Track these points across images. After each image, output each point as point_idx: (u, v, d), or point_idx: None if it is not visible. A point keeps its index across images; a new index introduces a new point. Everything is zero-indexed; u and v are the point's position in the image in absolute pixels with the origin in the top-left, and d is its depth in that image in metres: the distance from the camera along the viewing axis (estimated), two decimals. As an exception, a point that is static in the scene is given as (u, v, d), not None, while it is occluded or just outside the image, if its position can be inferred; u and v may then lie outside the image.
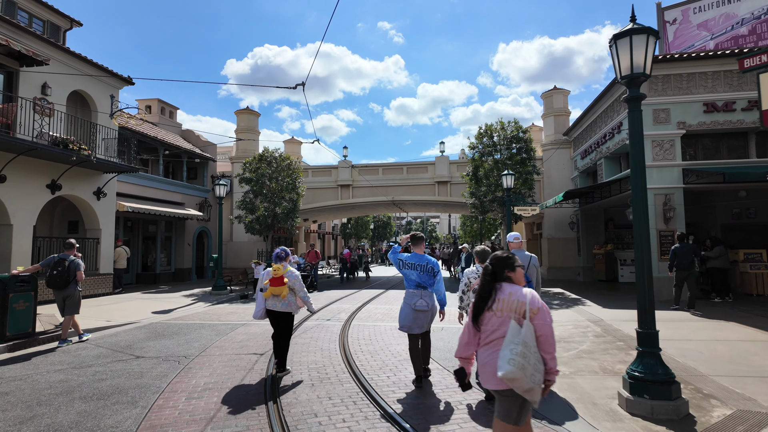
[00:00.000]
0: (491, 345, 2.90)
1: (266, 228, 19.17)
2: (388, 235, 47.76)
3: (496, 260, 3.02)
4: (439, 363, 6.54)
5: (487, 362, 2.87)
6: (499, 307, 2.87)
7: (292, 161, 19.63)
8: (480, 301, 2.94)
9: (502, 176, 14.46)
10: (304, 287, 6.14)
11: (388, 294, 16.02)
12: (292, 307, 6.03)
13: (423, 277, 5.44)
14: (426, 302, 5.39)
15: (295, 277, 6.03)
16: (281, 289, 5.87)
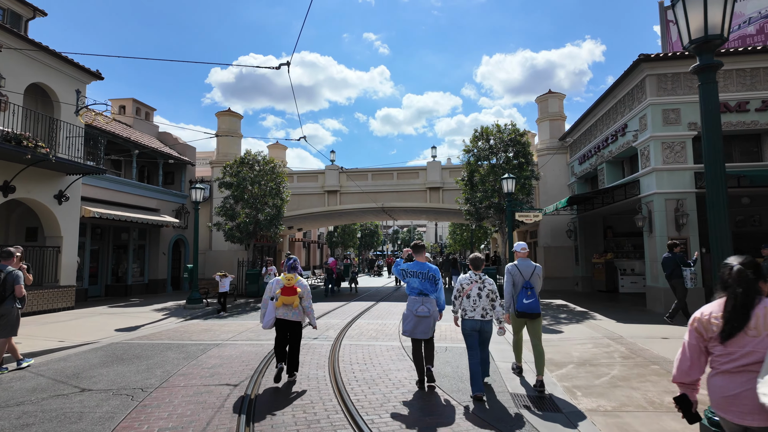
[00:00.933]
0: (742, 371, 2.35)
1: (247, 236, 17.88)
2: (375, 244, 46.60)
3: (753, 266, 2.45)
4: (450, 395, 5.43)
5: (740, 393, 2.35)
6: (757, 324, 2.35)
7: (276, 164, 18.44)
8: (739, 317, 2.37)
9: (501, 180, 13.53)
10: (311, 299, 6.23)
11: (379, 307, 14.85)
12: (301, 316, 6.11)
13: (425, 284, 5.65)
14: (427, 308, 5.59)
15: (305, 288, 6.16)
16: (293, 298, 5.94)
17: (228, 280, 13.41)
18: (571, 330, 9.68)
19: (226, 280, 13.39)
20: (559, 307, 13.69)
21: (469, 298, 5.41)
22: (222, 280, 13.34)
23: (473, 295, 5.40)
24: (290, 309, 5.92)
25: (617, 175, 15.66)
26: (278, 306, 5.94)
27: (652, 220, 12.45)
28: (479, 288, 5.42)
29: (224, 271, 13.93)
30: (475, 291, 5.41)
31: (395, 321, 11.52)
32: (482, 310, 5.36)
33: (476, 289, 5.42)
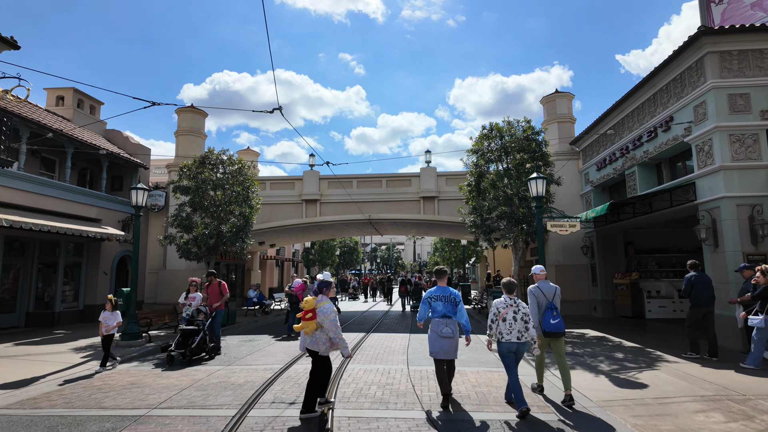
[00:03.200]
0: None
1: (207, 251, 14.60)
2: (354, 262, 43.42)
3: None
4: None
5: None
6: None
7: (244, 165, 15.33)
8: None
9: (528, 181, 10.85)
10: (336, 326, 5.59)
11: (373, 342, 11.79)
12: (319, 346, 5.60)
13: (448, 307, 5.88)
14: (451, 329, 5.79)
15: (326, 314, 5.57)
16: (307, 324, 5.61)
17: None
18: (655, 381, 6.92)
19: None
20: (597, 340, 10.96)
21: (505, 322, 5.59)
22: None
23: (509, 319, 5.59)
24: (311, 336, 5.62)
25: (651, 181, 13.27)
26: (298, 329, 5.77)
27: (718, 232, 9.97)
28: (514, 311, 5.61)
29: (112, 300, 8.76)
30: (511, 314, 5.60)
31: (401, 366, 8.52)
32: (518, 333, 5.55)
33: (512, 313, 5.61)
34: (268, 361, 9.17)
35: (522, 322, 5.59)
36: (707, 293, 8.66)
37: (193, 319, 9.42)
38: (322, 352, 5.63)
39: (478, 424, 5.28)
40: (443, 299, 5.91)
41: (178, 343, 9.04)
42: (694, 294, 8.67)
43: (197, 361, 9.09)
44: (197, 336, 9.22)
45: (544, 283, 6.20)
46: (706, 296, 8.64)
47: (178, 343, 9.03)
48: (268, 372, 8.04)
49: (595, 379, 7.19)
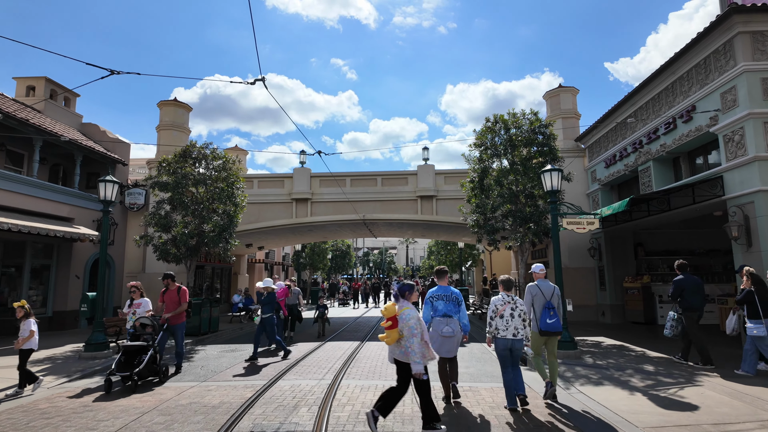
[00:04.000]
0: None
1: (188, 253, 13.40)
2: (346, 266, 42.20)
3: None
4: None
5: None
6: None
7: (228, 159, 14.18)
8: None
9: (542, 174, 9.83)
10: (415, 335, 4.73)
11: (368, 352, 10.67)
12: (410, 356, 4.72)
13: (449, 306, 5.92)
14: (452, 329, 5.82)
15: (405, 320, 4.79)
16: (389, 333, 4.86)
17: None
18: (705, 401, 5.89)
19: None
20: (617, 349, 9.95)
21: (503, 318, 5.62)
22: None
23: (506, 315, 5.62)
24: (398, 346, 4.84)
25: (668, 177, 12.35)
26: (382, 339, 5.02)
27: (752, 229, 9.03)
28: (512, 308, 5.64)
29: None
30: (508, 311, 5.63)
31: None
32: (514, 329, 5.58)
33: (509, 310, 5.64)
34: (250, 376, 8.02)
35: (519, 319, 5.64)
36: (699, 296, 8.11)
37: (139, 334, 7.64)
38: (417, 364, 4.75)
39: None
40: (444, 298, 5.99)
41: (120, 363, 7.13)
42: (686, 298, 8.08)
43: (145, 386, 7.23)
44: (145, 354, 7.29)
45: (544, 282, 6.32)
46: (699, 300, 8.09)
47: (120, 364, 7.12)
48: (249, 390, 6.89)
49: (631, 398, 6.14)
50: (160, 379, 7.59)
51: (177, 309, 8.31)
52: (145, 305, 8.46)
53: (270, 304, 9.72)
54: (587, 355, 9.21)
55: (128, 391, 6.94)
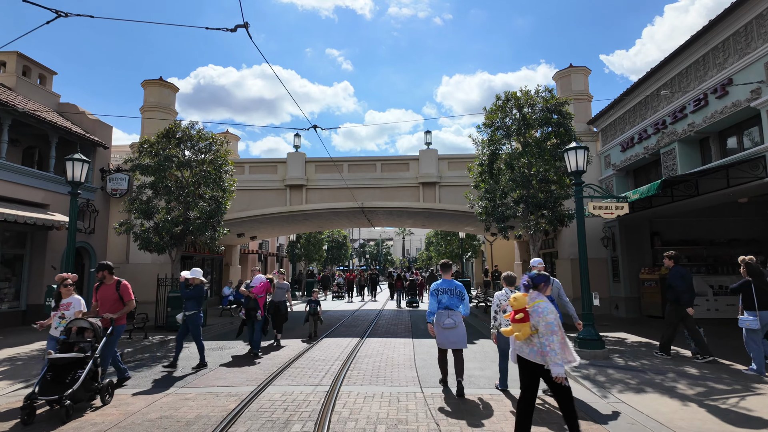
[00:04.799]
0: None
1: (171, 241, 12.31)
2: (343, 257, 41.17)
3: None
4: None
5: None
6: None
7: (215, 140, 13.04)
8: None
9: (566, 152, 8.78)
10: (555, 332, 4.00)
11: (369, 349, 9.66)
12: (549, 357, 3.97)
13: (452, 299, 6.09)
14: (453, 320, 5.99)
15: (541, 314, 4.06)
16: (519, 327, 4.19)
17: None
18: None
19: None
20: (645, 347, 8.99)
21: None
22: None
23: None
24: (528, 343, 4.15)
25: (694, 159, 11.37)
26: (507, 335, 4.38)
27: (801, 214, 8.05)
28: None
29: None
30: None
31: (413, 388, 6.40)
32: None
33: None
34: (236, 379, 6.99)
35: None
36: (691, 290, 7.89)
37: (73, 342, 5.74)
38: (557, 367, 4.03)
39: None
40: (449, 292, 6.15)
41: (46, 383, 5.25)
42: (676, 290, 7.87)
43: (82, 409, 5.47)
44: (82, 369, 5.42)
45: None
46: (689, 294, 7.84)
47: (46, 384, 5.24)
48: (233, 400, 5.86)
49: (687, 410, 5.17)
50: (103, 402, 5.70)
51: (123, 309, 6.50)
52: (76, 305, 6.34)
53: (195, 299, 7.95)
54: (615, 355, 8.25)
55: (58, 421, 5.07)
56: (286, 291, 10.33)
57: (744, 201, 11.90)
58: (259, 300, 8.91)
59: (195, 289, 8.02)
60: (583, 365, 7.46)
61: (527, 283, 4.33)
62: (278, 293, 10.29)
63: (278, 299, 10.23)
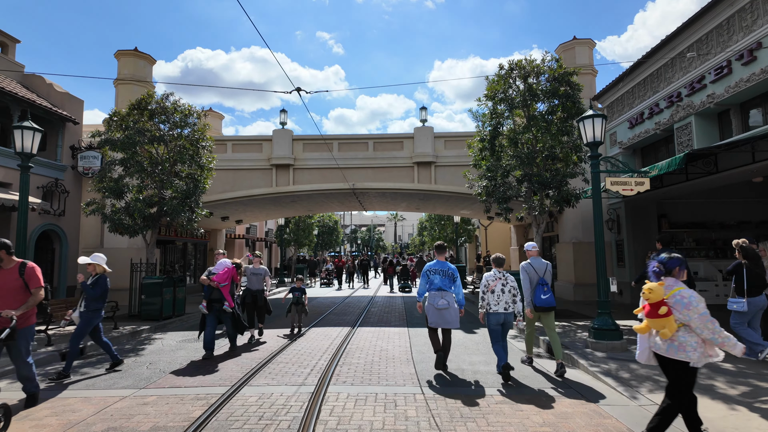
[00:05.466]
0: None
1: (145, 223, 11.28)
2: (333, 243, 40.25)
3: None
4: None
5: None
6: None
7: (193, 112, 11.93)
8: None
9: (581, 121, 7.87)
10: (711, 320, 3.40)
11: (360, 340, 8.80)
12: (688, 353, 3.43)
13: (444, 281, 6.15)
14: (447, 301, 6.06)
15: (689, 305, 3.43)
16: (661, 323, 3.48)
17: None
18: None
19: None
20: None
21: (494, 293, 5.87)
22: None
23: (497, 291, 5.88)
24: (669, 340, 3.51)
25: (712, 134, 10.52)
26: (642, 332, 3.67)
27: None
28: (503, 284, 5.91)
29: None
30: (499, 287, 5.89)
31: (411, 388, 5.54)
32: (505, 304, 5.84)
33: (500, 285, 5.90)
34: (208, 378, 6.08)
35: (510, 294, 5.88)
36: None
37: None
38: (695, 362, 3.48)
39: None
40: (441, 273, 6.20)
41: None
42: None
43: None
44: None
45: (536, 260, 6.38)
46: None
47: None
48: (199, 405, 4.95)
49: (737, 416, 4.38)
50: (3, 425, 4.18)
51: (28, 302, 4.75)
52: None
53: (98, 298, 6.33)
54: (633, 346, 7.45)
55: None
56: (264, 277, 9.14)
57: (759, 180, 11.16)
58: (223, 289, 7.44)
59: (96, 282, 6.33)
60: (600, 359, 6.66)
61: (659, 270, 3.64)
62: (254, 280, 9.07)
63: (255, 287, 9.02)
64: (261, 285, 9.07)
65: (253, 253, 9.49)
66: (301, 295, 9.67)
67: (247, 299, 8.95)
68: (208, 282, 7.47)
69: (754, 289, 6.38)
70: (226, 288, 7.49)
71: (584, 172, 11.40)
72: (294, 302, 9.65)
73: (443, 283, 6.11)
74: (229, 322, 7.80)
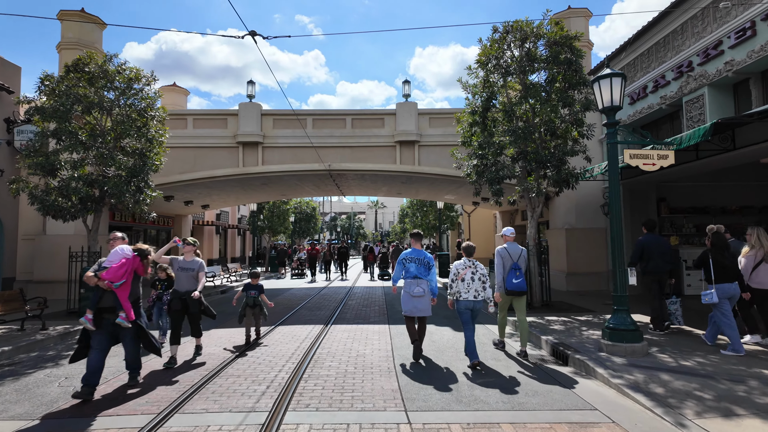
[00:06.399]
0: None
1: (84, 204, 9.67)
2: (311, 231, 38.71)
3: None
4: None
5: None
6: None
7: (140, 75, 10.26)
8: None
9: (595, 82, 6.64)
10: None
11: (333, 342, 7.50)
12: None
13: (420, 268, 6.23)
14: (422, 289, 6.17)
15: None
16: None
17: None
18: None
19: None
20: (686, 337, 7.18)
21: (464, 281, 5.92)
22: None
23: (467, 279, 5.92)
24: None
25: (726, 107, 9.47)
26: None
27: None
28: (472, 272, 5.95)
29: None
30: (469, 275, 5.94)
31: (394, 413, 4.27)
32: (475, 292, 5.89)
33: (470, 273, 5.94)
34: (129, 405, 4.67)
35: (479, 282, 5.94)
36: (663, 260, 7.51)
37: None
38: None
39: None
40: (417, 261, 6.26)
41: None
42: (649, 261, 7.56)
43: None
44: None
45: (512, 245, 6.46)
46: (662, 263, 7.50)
47: None
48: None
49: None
50: None
51: None
52: None
53: None
54: (654, 349, 6.35)
55: None
56: (196, 273, 6.31)
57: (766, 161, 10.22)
58: (119, 292, 4.88)
59: None
60: (622, 367, 5.51)
61: None
62: (183, 278, 6.28)
63: (185, 288, 6.22)
64: (193, 284, 6.25)
65: (183, 239, 6.55)
66: (258, 295, 7.40)
67: (173, 305, 6.24)
68: (95, 281, 4.91)
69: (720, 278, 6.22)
70: (123, 289, 4.92)
71: (586, 150, 10.25)
72: (249, 305, 7.32)
73: (419, 271, 6.19)
74: (131, 344, 5.17)
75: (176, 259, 6.48)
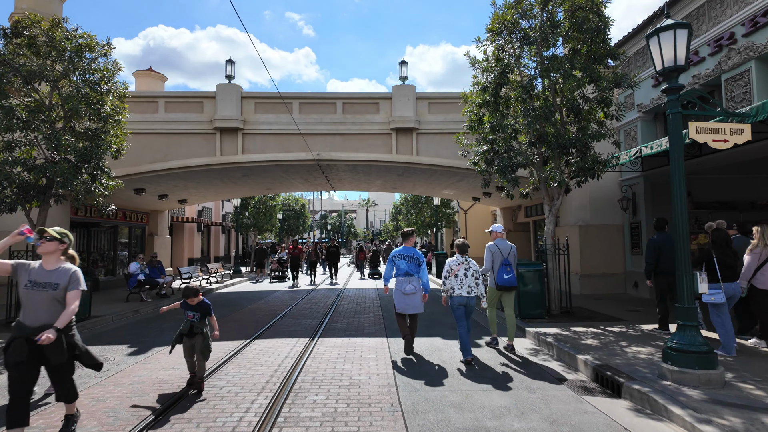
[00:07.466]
0: None
1: (24, 195, 8.13)
2: (301, 228, 37.13)
3: None
4: None
5: None
6: None
7: (93, 45, 8.71)
8: None
9: (652, 36, 5.27)
10: None
11: (320, 362, 6.09)
12: None
13: (411, 266, 6.31)
14: (413, 286, 6.25)
15: None
16: None
17: None
18: None
19: None
20: (758, 357, 5.86)
21: (457, 278, 5.97)
22: None
23: (460, 275, 5.97)
24: None
25: (777, 86, 8.20)
26: None
27: None
28: (465, 269, 5.99)
29: None
30: (462, 271, 5.98)
31: None
32: (468, 288, 5.93)
33: (463, 270, 5.99)
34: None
35: (472, 278, 5.97)
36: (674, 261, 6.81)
37: None
38: None
39: None
40: (407, 258, 6.34)
41: None
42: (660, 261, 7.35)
43: None
44: None
45: (502, 241, 6.72)
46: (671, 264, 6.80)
47: None
48: None
49: None
50: None
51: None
52: None
53: None
54: (730, 375, 5.00)
55: None
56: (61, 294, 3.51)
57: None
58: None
59: None
60: (703, 404, 4.15)
61: None
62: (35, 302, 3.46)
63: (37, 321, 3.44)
64: (54, 313, 3.46)
65: (38, 229, 3.63)
66: (200, 319, 4.82)
67: (16, 354, 3.38)
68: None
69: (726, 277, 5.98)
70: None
71: (614, 134, 8.93)
72: (184, 332, 4.82)
73: (409, 268, 6.28)
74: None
75: (25, 267, 3.54)
